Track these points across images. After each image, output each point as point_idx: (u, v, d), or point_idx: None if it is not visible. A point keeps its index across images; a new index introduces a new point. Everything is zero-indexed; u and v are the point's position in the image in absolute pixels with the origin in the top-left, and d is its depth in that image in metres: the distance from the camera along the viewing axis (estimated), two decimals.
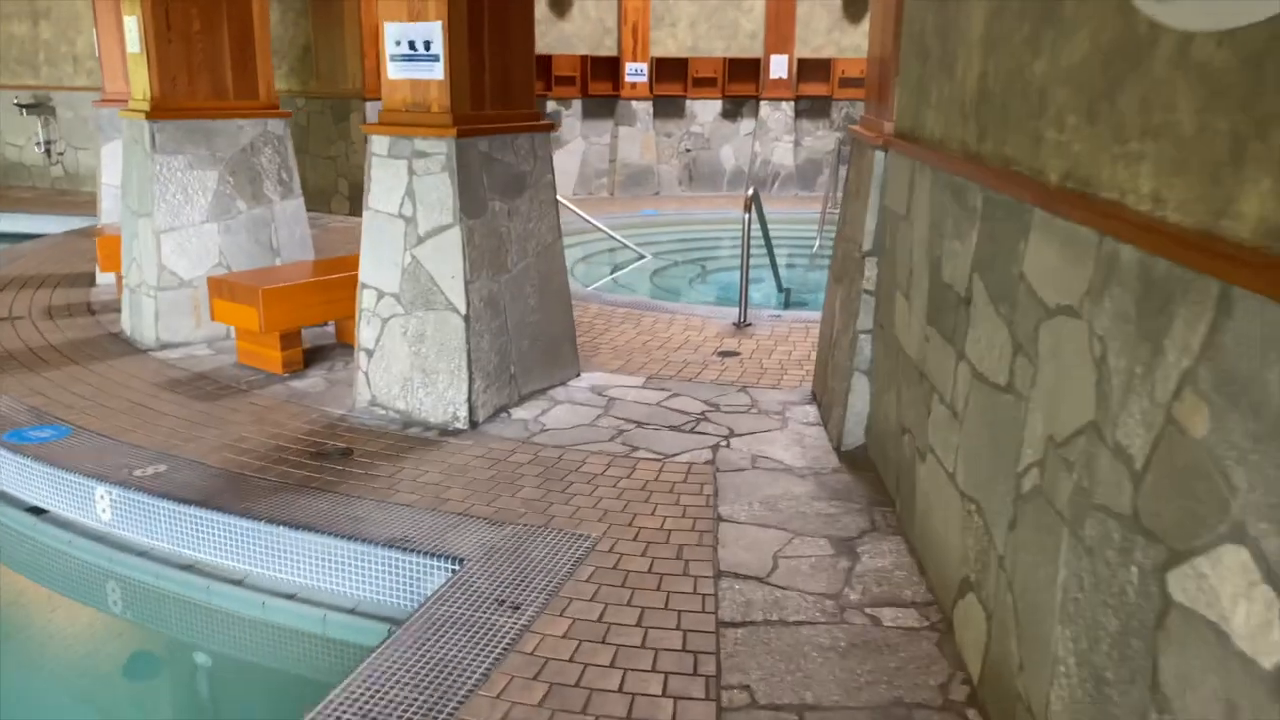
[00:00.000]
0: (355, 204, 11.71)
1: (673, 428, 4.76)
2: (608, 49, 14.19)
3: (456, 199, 4.60)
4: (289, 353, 5.45)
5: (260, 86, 6.20)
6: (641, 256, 10.44)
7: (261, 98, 6.21)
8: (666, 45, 14.40)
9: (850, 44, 14.55)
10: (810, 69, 14.59)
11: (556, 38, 13.81)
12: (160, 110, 5.80)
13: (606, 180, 14.47)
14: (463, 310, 4.65)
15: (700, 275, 10.06)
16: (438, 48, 4.55)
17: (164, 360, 5.76)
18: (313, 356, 5.80)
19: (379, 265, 4.84)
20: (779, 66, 14.50)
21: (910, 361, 3.58)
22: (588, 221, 10.48)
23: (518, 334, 5.02)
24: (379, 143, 4.78)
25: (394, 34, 4.67)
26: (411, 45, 4.63)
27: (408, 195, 4.71)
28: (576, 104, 14.14)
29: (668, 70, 14.39)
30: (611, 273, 10.11)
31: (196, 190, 5.97)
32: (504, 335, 4.92)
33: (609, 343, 6.38)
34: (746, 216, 6.90)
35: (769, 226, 8.81)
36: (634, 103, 14.24)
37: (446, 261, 4.65)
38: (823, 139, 14.82)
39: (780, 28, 14.45)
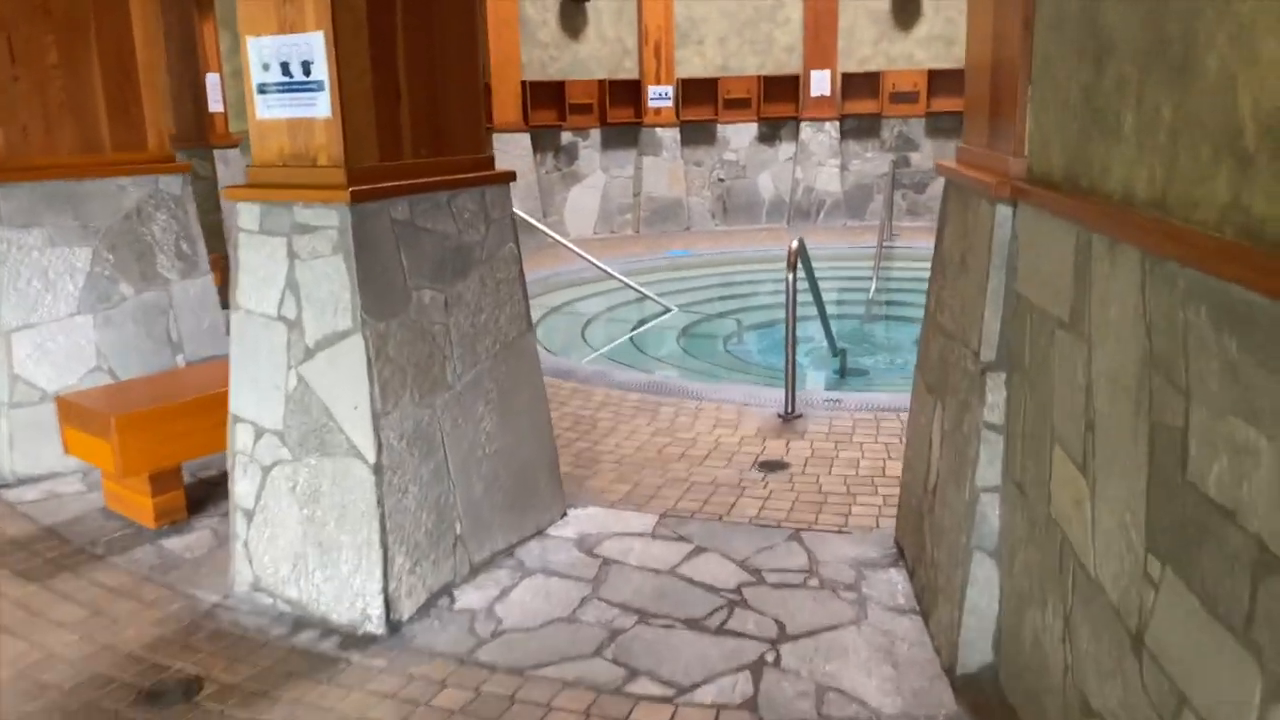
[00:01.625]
0: None
1: (692, 623, 3.17)
2: (628, 71, 12.73)
3: (356, 293, 3.08)
4: (164, 499, 3.96)
5: (149, 134, 4.76)
6: (666, 310, 8.89)
7: (150, 148, 4.77)
8: (693, 65, 12.91)
9: (901, 53, 12.95)
10: (856, 84, 13.00)
11: (570, 61, 12.38)
12: (5, 171, 4.37)
13: (631, 217, 12.98)
14: (371, 456, 3.12)
15: (737, 333, 8.47)
16: (321, 70, 3.06)
17: (12, 504, 4.29)
18: (204, 498, 4.30)
19: (255, 390, 3.33)
20: (820, 83, 12.94)
21: (1104, 598, 1.98)
22: (601, 270, 8.97)
23: (465, 476, 3.48)
24: (247, 214, 3.28)
25: (259, 53, 3.18)
26: (285, 69, 3.13)
27: (289, 289, 3.21)
28: (595, 134, 12.68)
29: (696, 92, 12.88)
30: (632, 330, 8.56)
31: (62, 273, 4.53)
32: (442, 482, 3.38)
33: (612, 451, 4.82)
34: (791, 277, 5.31)
35: (816, 269, 7.22)
36: (659, 130, 12.75)
37: (345, 385, 3.14)
38: (873, 161, 13.21)
39: (820, 40, 12.90)
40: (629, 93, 12.66)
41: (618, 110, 12.60)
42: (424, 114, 3.40)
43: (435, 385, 3.37)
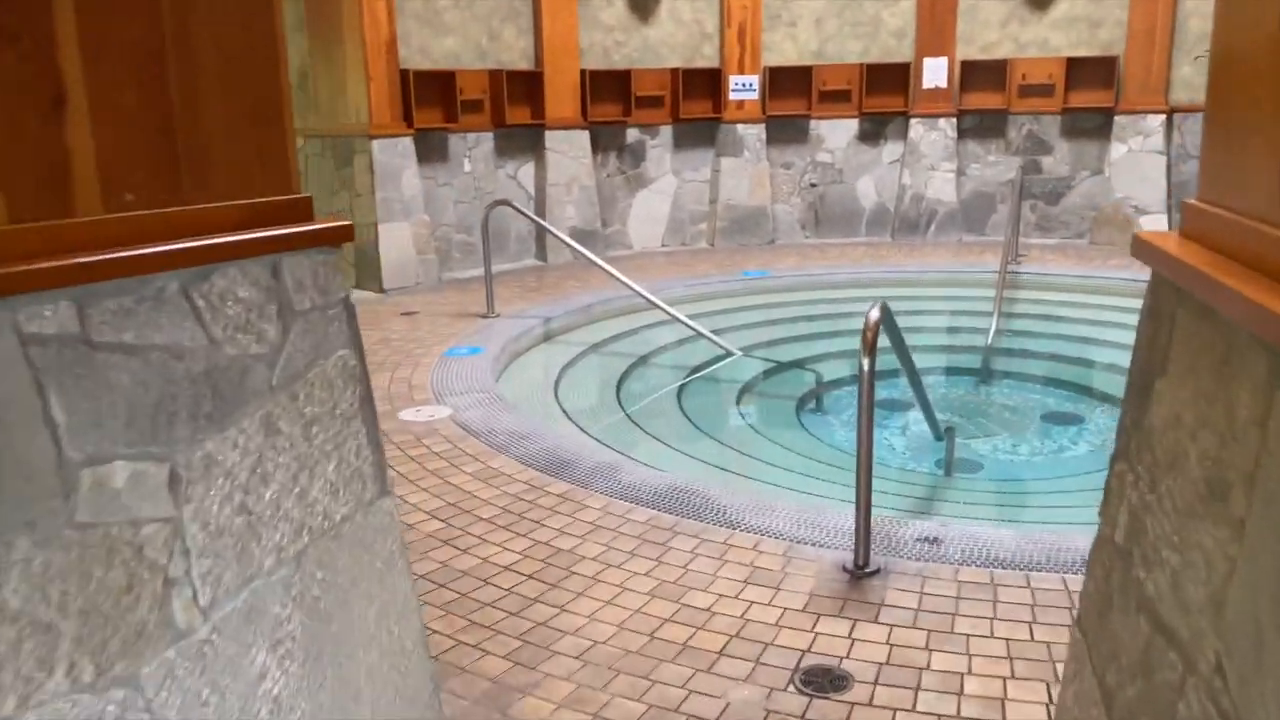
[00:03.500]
0: (364, 275, 8.91)
1: None
2: (706, 59, 11.00)
3: None
4: None
5: None
6: (728, 354, 7.17)
7: None
8: (784, 51, 11.10)
9: (1033, 38, 10.87)
10: (978, 75, 11.00)
11: (639, 47, 10.72)
12: None
13: (705, 227, 11.26)
14: None
15: (813, 395, 6.67)
16: None
17: None
18: None
19: None
20: (935, 73, 10.98)
21: None
22: (650, 301, 7.30)
23: None
24: None
25: None
26: None
27: None
28: (665, 131, 11.00)
29: (786, 83, 11.08)
30: (683, 379, 6.87)
31: None
32: None
33: (582, 629, 3.17)
34: (865, 365, 3.55)
35: (923, 297, 5.43)
36: (740, 127, 10.99)
37: None
38: (996, 166, 11.17)
39: (937, 22, 10.93)
40: (707, 83, 10.93)
41: (693, 104, 10.90)
42: (136, 128, 1.80)
43: (143, 639, 1.78)
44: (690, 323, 7.20)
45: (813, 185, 11.44)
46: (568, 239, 7.73)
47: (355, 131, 8.81)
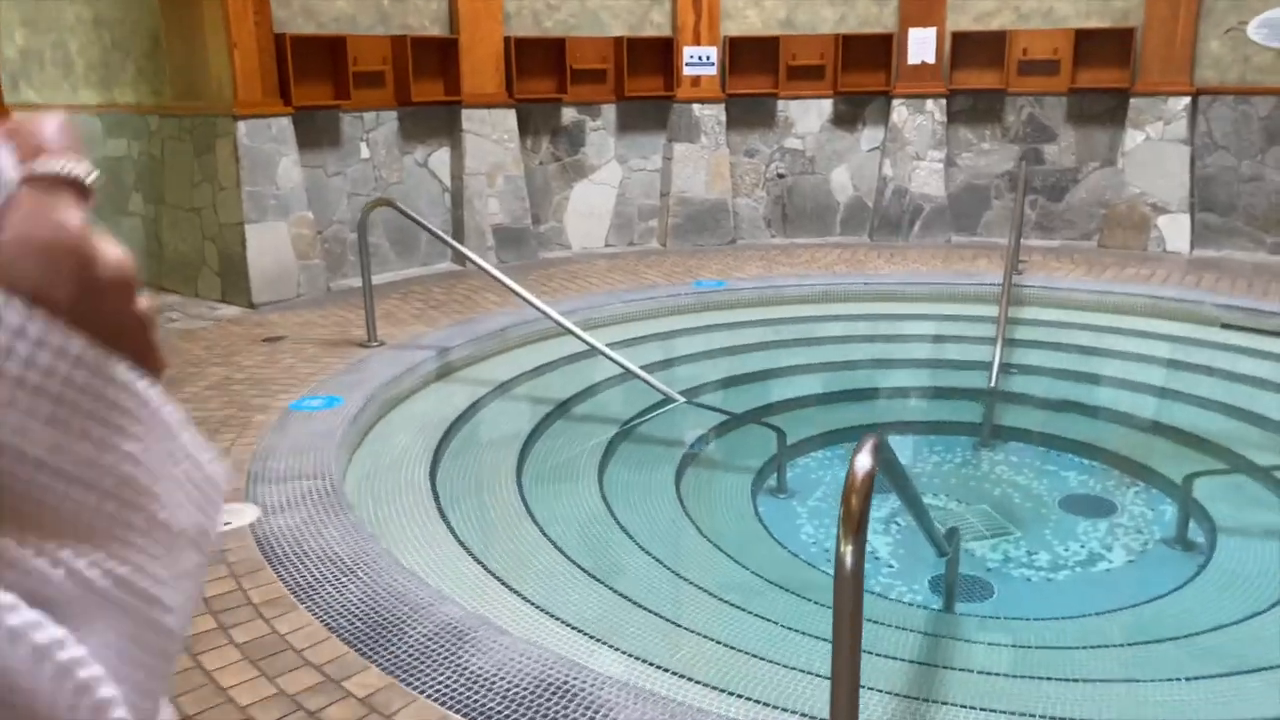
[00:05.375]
0: (230, 286, 7.26)
1: None
2: (656, 26, 9.39)
3: None
4: None
5: None
6: (668, 400, 5.62)
7: None
8: (747, 20, 9.52)
9: (1036, 7, 9.35)
10: (972, 48, 9.46)
11: (575, 11, 9.09)
12: None
13: (656, 225, 9.68)
14: None
15: (777, 464, 5.11)
16: None
17: None
18: None
19: None
20: (922, 46, 9.44)
21: None
22: (560, 324, 5.73)
23: None
24: None
25: None
26: None
27: None
28: (608, 111, 9.39)
29: (749, 56, 9.49)
30: (615, 435, 5.30)
31: None
32: None
33: None
34: (847, 555, 1.99)
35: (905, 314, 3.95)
36: (697, 107, 9.41)
37: None
38: (991, 155, 9.67)
39: None
40: (657, 56, 9.32)
41: (640, 80, 9.28)
42: None
43: None
44: (619, 359, 5.63)
45: (780, 176, 9.89)
46: (457, 243, 6.11)
47: (217, 110, 7.13)
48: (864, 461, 1.99)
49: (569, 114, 9.24)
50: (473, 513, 4.25)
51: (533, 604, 3.42)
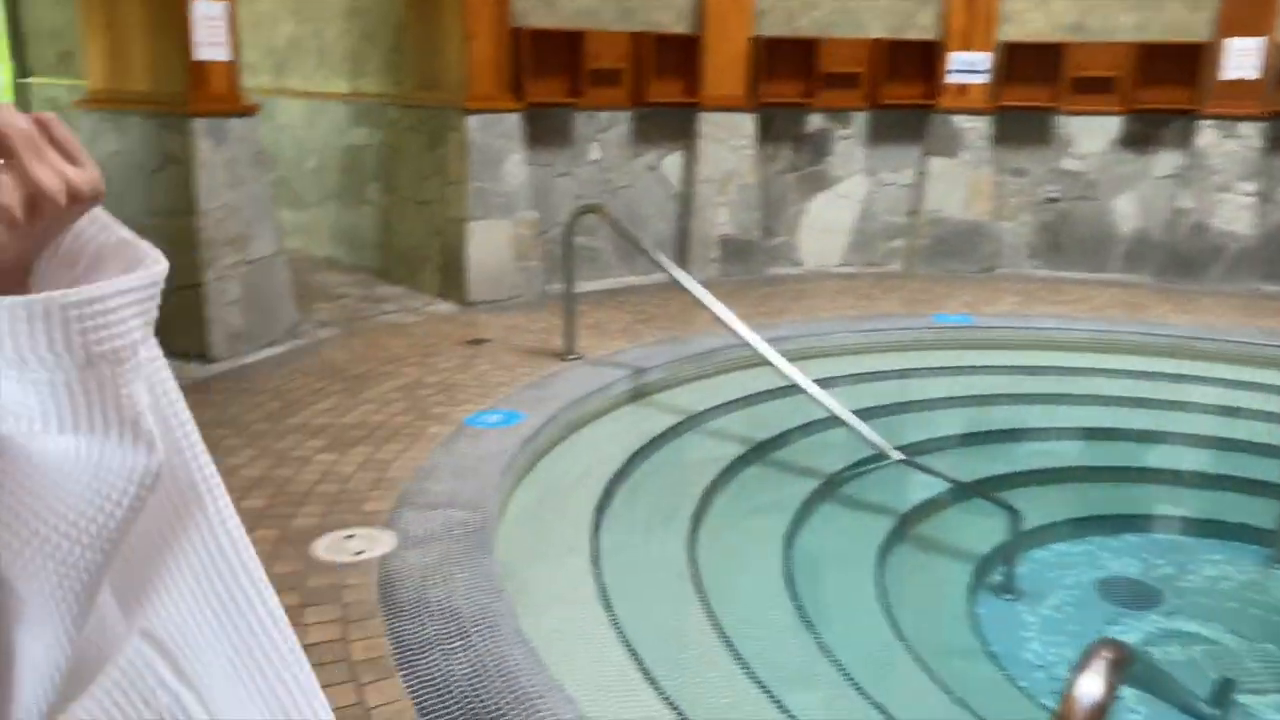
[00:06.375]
0: (449, 283, 7.16)
1: None
2: (920, 28, 8.51)
3: None
4: None
5: None
6: (880, 457, 4.86)
7: None
8: (1029, 23, 8.44)
9: None
10: None
11: (834, 10, 8.38)
12: None
13: (902, 244, 8.80)
14: None
15: (1002, 559, 4.24)
16: None
17: None
18: None
19: None
20: (1243, 58, 8.01)
21: None
22: (763, 355, 5.09)
23: None
24: None
25: None
26: None
27: None
28: (859, 119, 8.62)
29: (1027, 64, 8.41)
30: (813, 494, 4.63)
31: None
32: None
33: None
34: None
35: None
36: (960, 118, 8.46)
37: None
38: None
39: None
40: (918, 60, 8.45)
41: (898, 86, 8.45)
42: None
43: None
44: (828, 400, 4.92)
45: (1052, 200, 8.73)
46: (662, 258, 5.58)
47: (450, 103, 7.03)
48: (1090, 687, 1.27)
49: (815, 120, 8.55)
50: (630, 571, 3.73)
51: (672, 705, 2.85)
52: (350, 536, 3.53)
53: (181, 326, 5.58)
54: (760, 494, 4.69)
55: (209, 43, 5.50)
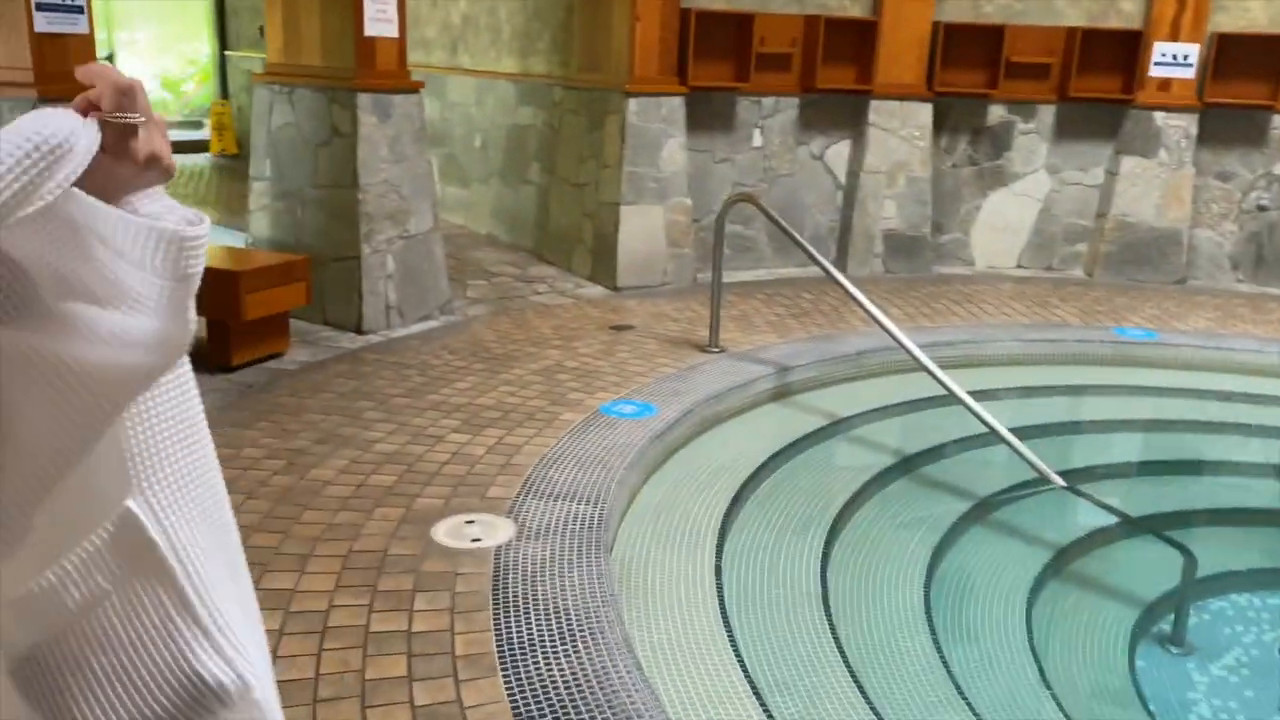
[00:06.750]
0: (600, 265, 7.12)
1: None
2: (1123, 15, 7.86)
3: None
4: None
5: None
6: (1044, 480, 4.47)
7: None
8: (1247, 12, 7.67)
9: None
10: None
11: None
12: None
13: (1085, 248, 8.19)
14: None
15: (1174, 607, 3.81)
16: None
17: None
18: None
19: None
20: None
21: None
22: (916, 359, 4.77)
23: None
24: None
25: None
26: None
27: None
28: (1046, 112, 8.05)
29: (1242, 58, 7.64)
30: (963, 516, 4.31)
31: None
32: None
33: None
34: None
35: None
36: (1161, 115, 7.78)
37: None
38: None
39: None
40: (1117, 51, 7.79)
41: (1092, 78, 7.82)
42: None
43: None
44: (988, 416, 4.56)
45: (1261, 208, 7.91)
46: (809, 247, 5.30)
47: (611, 86, 6.95)
48: None
49: (996, 112, 8.03)
50: (754, 584, 3.54)
51: None
52: (470, 522, 3.49)
53: (338, 296, 5.72)
54: (905, 511, 4.40)
55: (378, 19, 5.59)
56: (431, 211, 6.15)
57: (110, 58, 12.94)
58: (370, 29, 5.57)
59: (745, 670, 2.95)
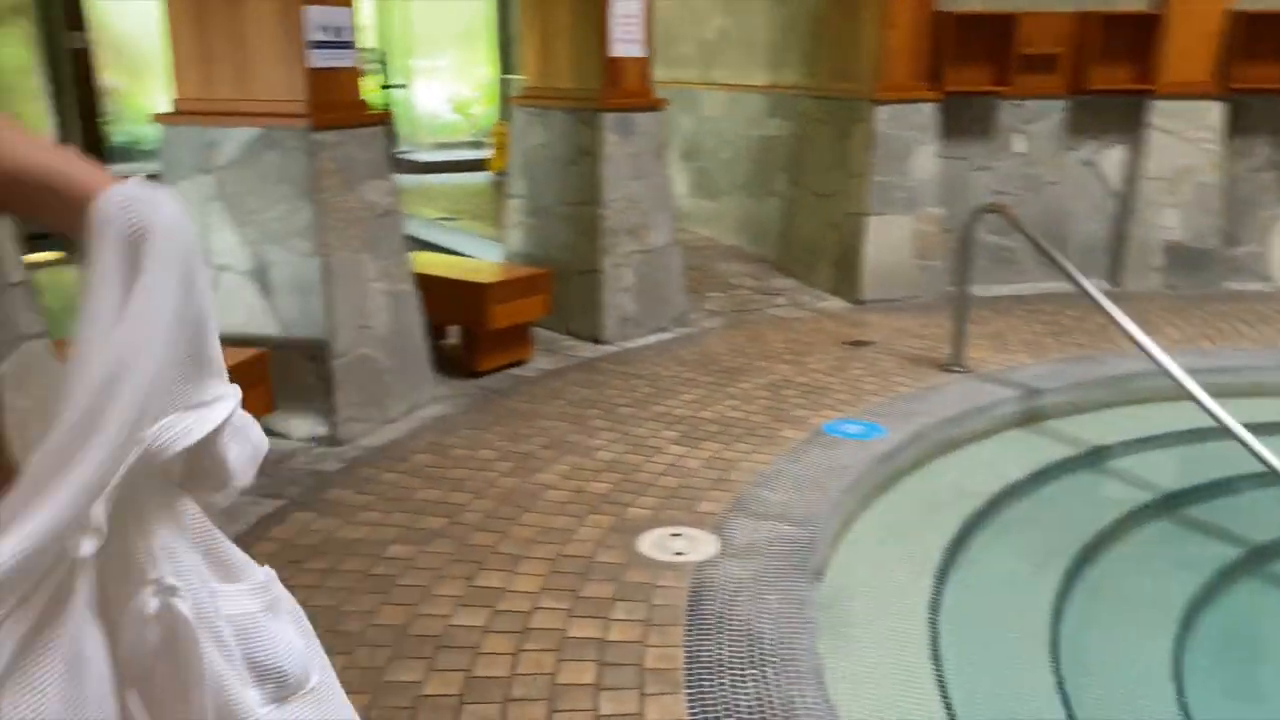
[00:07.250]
0: (842, 278, 6.97)
1: None
2: None
3: None
4: None
5: None
6: None
7: None
8: None
9: None
10: None
11: None
12: None
13: None
14: None
15: None
16: None
17: None
18: None
19: None
20: None
21: None
22: (1180, 384, 4.28)
23: None
24: None
25: None
26: None
27: None
28: None
29: None
30: (1227, 570, 3.83)
31: None
32: None
33: None
34: None
35: None
36: None
37: None
38: None
39: None
40: None
41: None
42: None
43: None
44: (1264, 452, 4.02)
45: None
46: (1056, 255, 4.88)
47: (860, 94, 6.77)
48: None
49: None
50: (975, 623, 3.31)
51: None
52: (676, 535, 3.50)
53: (580, 308, 5.94)
54: (1162, 555, 3.97)
55: (624, 39, 5.76)
56: (669, 225, 6.25)
57: (403, 86, 14.19)
58: (616, 49, 5.75)
59: (950, 713, 2.76)
